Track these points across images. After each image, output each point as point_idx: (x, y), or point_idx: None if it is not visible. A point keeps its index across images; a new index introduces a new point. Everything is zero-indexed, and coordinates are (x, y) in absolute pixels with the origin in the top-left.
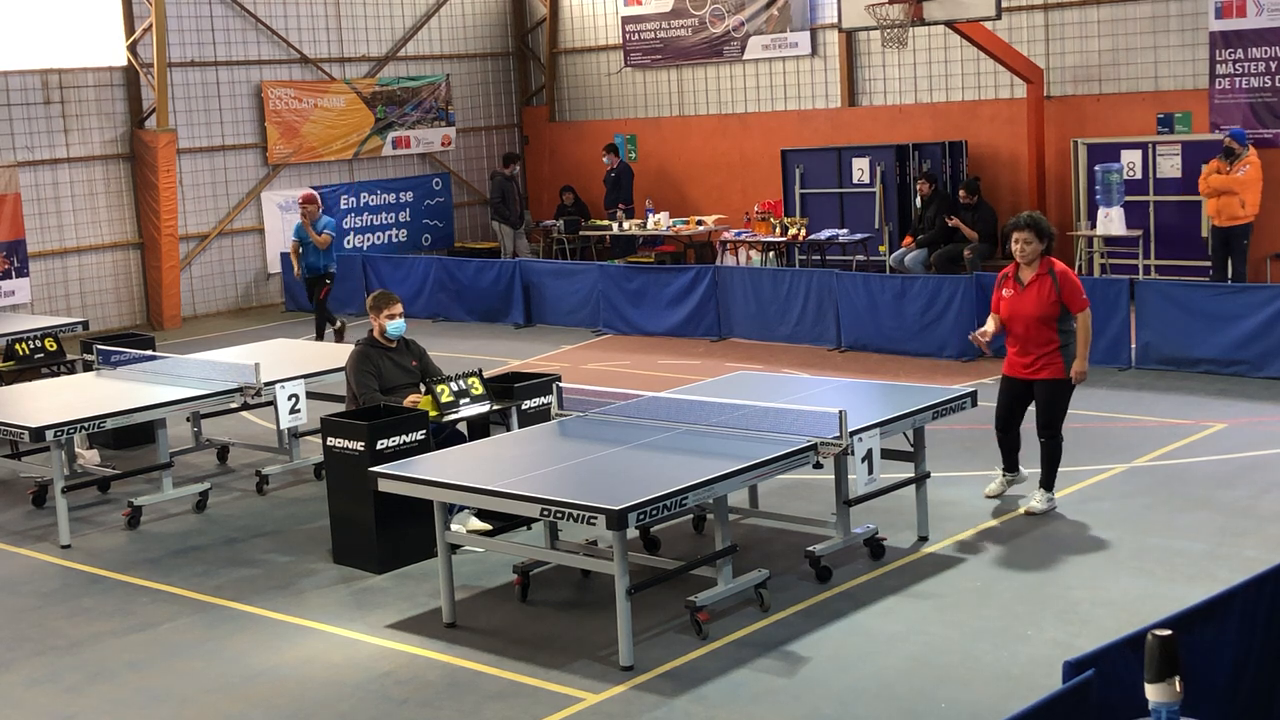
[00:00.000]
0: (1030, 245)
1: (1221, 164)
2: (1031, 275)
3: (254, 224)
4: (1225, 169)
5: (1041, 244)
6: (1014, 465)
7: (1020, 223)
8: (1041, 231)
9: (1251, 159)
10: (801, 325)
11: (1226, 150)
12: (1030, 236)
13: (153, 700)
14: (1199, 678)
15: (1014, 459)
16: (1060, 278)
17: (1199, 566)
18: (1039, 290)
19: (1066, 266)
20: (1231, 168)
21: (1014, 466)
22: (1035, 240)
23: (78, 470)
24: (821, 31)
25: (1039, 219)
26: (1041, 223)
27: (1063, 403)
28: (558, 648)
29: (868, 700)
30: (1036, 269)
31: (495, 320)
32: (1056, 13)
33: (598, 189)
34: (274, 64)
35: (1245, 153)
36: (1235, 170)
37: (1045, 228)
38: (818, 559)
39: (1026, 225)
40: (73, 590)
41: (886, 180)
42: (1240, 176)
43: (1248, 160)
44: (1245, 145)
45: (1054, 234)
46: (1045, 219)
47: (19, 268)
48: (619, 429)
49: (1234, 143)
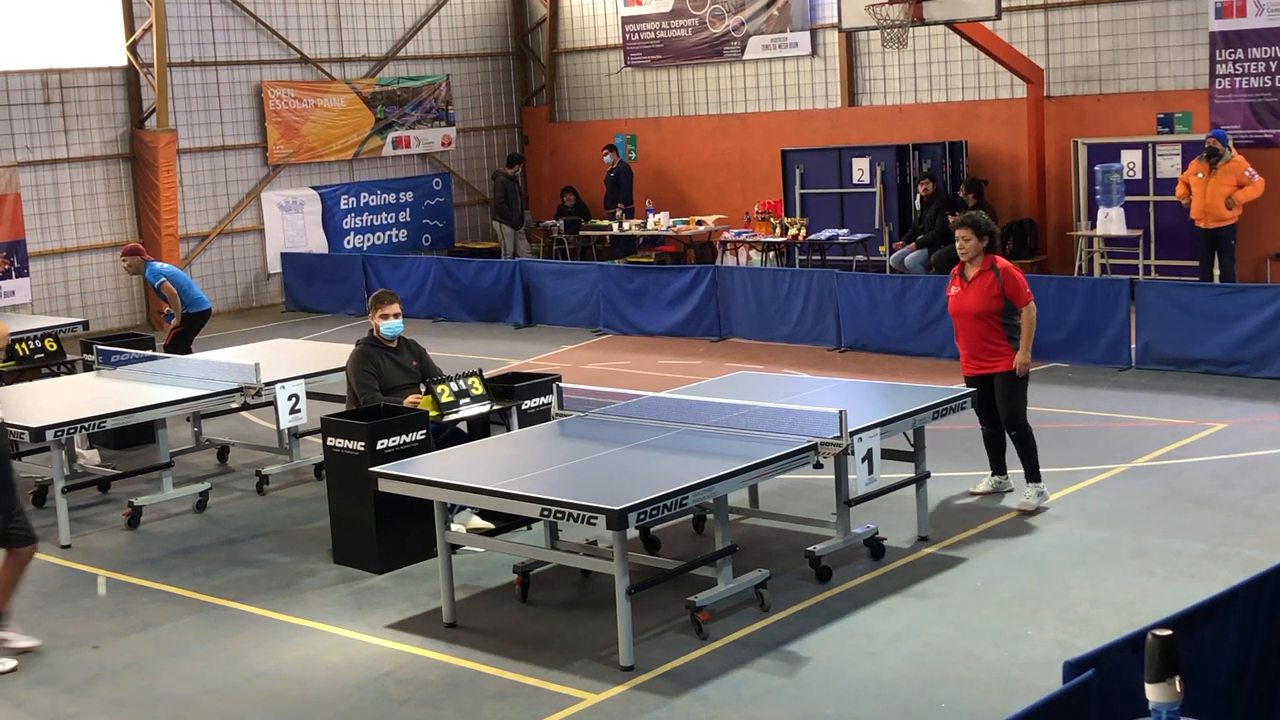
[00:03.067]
0: (969, 243)
1: (1203, 165)
2: (974, 272)
3: (254, 224)
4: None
5: (981, 241)
6: (1001, 468)
7: (958, 222)
8: (979, 229)
9: (1236, 160)
10: (801, 325)
11: (1210, 151)
12: (969, 234)
13: (153, 700)
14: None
15: (1001, 461)
16: (1003, 273)
17: (1199, 566)
18: (980, 285)
19: (1010, 264)
20: (1214, 169)
21: (1002, 469)
22: (974, 238)
23: (78, 470)
24: (821, 31)
25: (977, 218)
26: (979, 221)
27: (1020, 394)
28: (558, 648)
29: (868, 700)
30: (979, 265)
31: (495, 320)
32: (1056, 13)
33: (598, 189)
34: (274, 64)
35: (1229, 154)
36: (1217, 171)
37: (983, 226)
38: (818, 559)
39: (963, 224)
40: (73, 590)
41: (886, 180)
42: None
43: (1234, 161)
44: (1228, 146)
45: (995, 231)
46: (985, 217)
47: (19, 268)
48: (619, 429)
49: (1217, 143)
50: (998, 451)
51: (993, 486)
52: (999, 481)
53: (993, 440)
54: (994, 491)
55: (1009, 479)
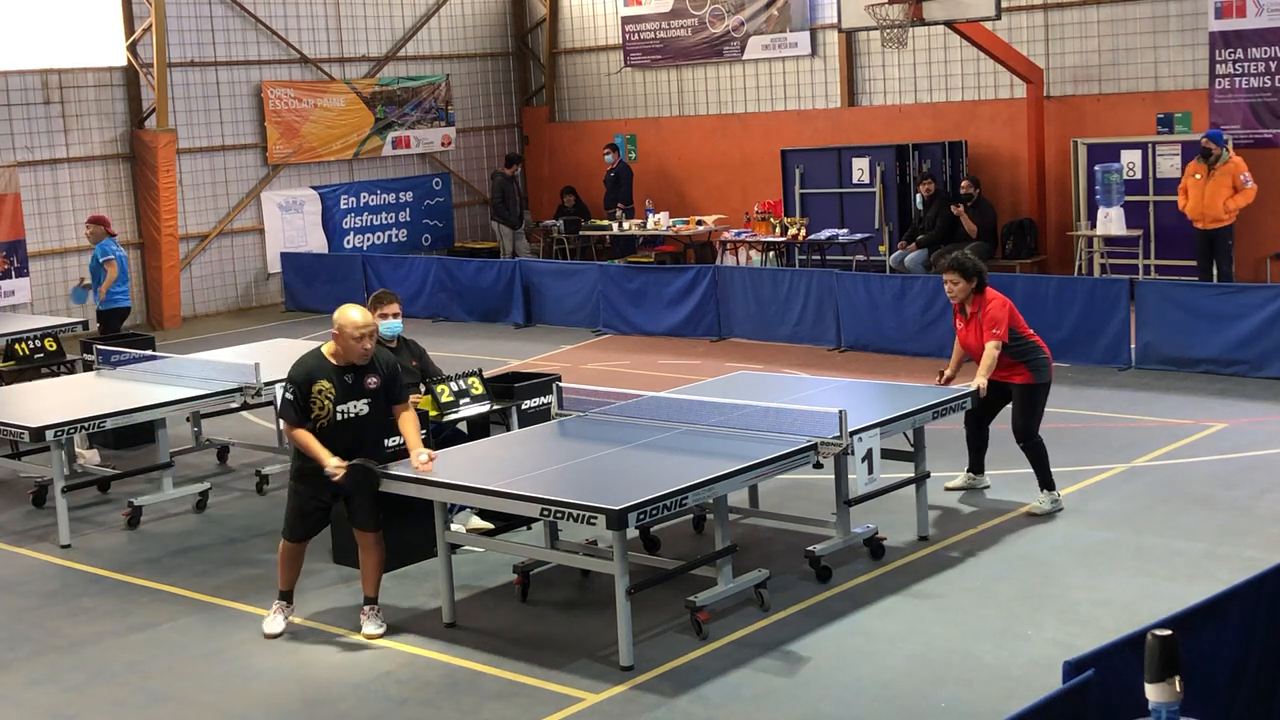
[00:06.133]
0: (957, 285)
1: (1200, 166)
2: (971, 310)
3: (254, 224)
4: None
5: (969, 283)
6: (979, 467)
7: (944, 265)
8: (965, 272)
9: (1235, 161)
10: (801, 325)
11: (1204, 151)
12: (956, 278)
13: (153, 700)
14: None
15: (980, 460)
16: (983, 312)
17: (1199, 566)
18: (977, 326)
19: (998, 301)
20: (1212, 171)
21: (979, 468)
22: (961, 280)
23: (78, 470)
24: (821, 31)
25: (962, 260)
26: (965, 263)
27: (1038, 409)
28: (558, 648)
29: (868, 700)
30: (973, 305)
31: (495, 320)
32: (1056, 13)
33: (598, 189)
34: (274, 64)
35: (1226, 155)
36: (1215, 172)
37: (969, 267)
38: (818, 559)
39: (950, 267)
40: (73, 590)
41: (886, 180)
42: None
43: (1231, 163)
44: (1223, 146)
45: (983, 270)
46: (971, 258)
47: (19, 268)
48: (619, 429)
49: (1211, 144)
50: (977, 451)
51: (967, 483)
52: (974, 478)
53: (973, 440)
54: (968, 488)
55: (985, 477)
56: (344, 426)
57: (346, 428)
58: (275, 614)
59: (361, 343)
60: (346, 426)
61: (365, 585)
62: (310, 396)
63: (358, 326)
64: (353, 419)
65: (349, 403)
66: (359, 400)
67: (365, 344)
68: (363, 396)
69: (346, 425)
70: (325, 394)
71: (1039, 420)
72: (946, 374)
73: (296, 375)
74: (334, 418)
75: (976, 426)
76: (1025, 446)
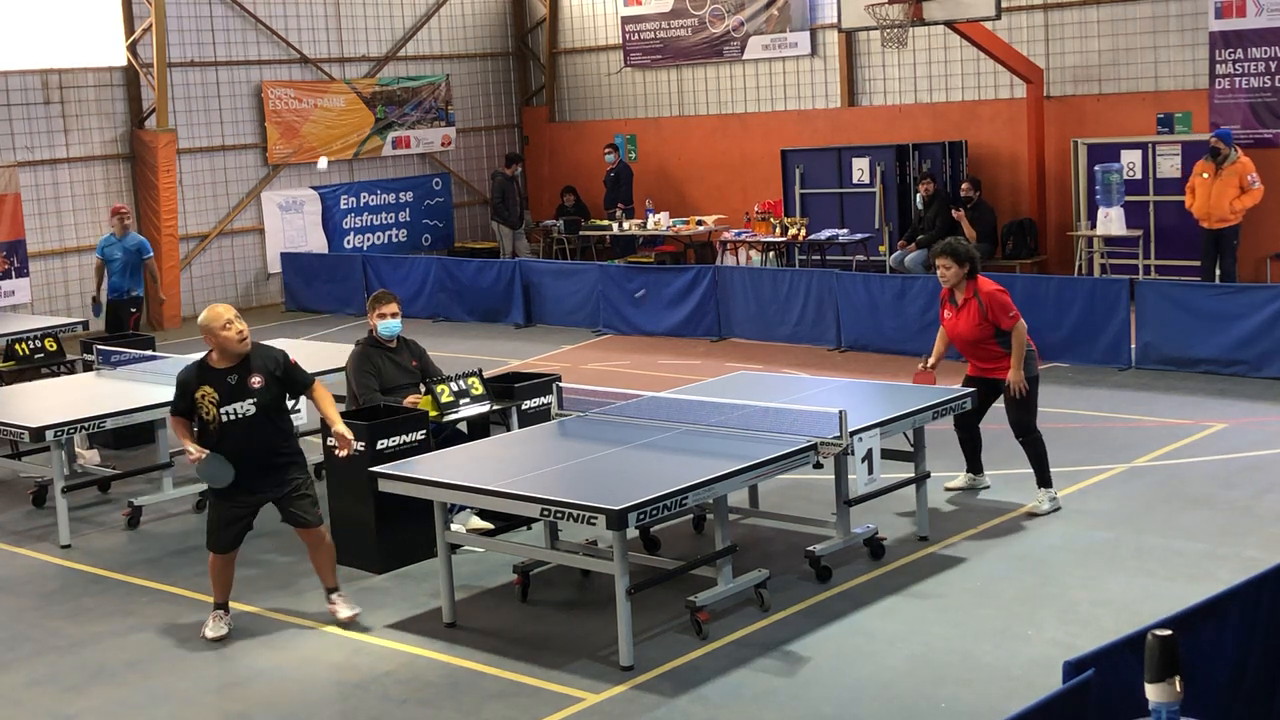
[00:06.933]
0: (949, 270)
1: (1208, 165)
2: (962, 298)
3: (254, 224)
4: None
5: (961, 268)
6: (977, 467)
7: (937, 249)
8: (958, 257)
9: (1243, 161)
10: (801, 325)
11: (1212, 150)
12: (948, 262)
13: (153, 700)
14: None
15: (977, 460)
16: (986, 299)
17: (1199, 566)
18: (968, 313)
19: (995, 286)
20: (1220, 170)
21: (977, 469)
22: (954, 265)
23: (78, 470)
24: (821, 31)
25: (955, 245)
26: (958, 248)
27: (1029, 401)
28: (558, 648)
29: (868, 700)
30: (965, 292)
31: (495, 320)
32: (1056, 13)
33: (598, 189)
34: (274, 64)
35: (1234, 155)
36: (1222, 172)
37: (962, 253)
38: (818, 559)
39: (942, 252)
40: (73, 590)
41: (886, 180)
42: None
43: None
44: (1232, 146)
45: (975, 257)
46: (964, 244)
47: (19, 268)
48: (619, 429)
49: (1220, 143)
50: (973, 452)
51: (967, 483)
52: (973, 479)
53: (967, 442)
54: (969, 488)
55: (985, 477)
56: (232, 428)
57: (235, 429)
58: (215, 622)
59: (230, 330)
60: (235, 428)
61: (324, 578)
62: (194, 403)
63: (220, 317)
64: (239, 419)
65: (233, 404)
66: (243, 401)
67: (234, 329)
68: (248, 397)
69: (235, 426)
70: (208, 398)
71: (1034, 413)
72: (931, 362)
73: (180, 379)
74: (220, 420)
75: (967, 428)
76: (1025, 441)
